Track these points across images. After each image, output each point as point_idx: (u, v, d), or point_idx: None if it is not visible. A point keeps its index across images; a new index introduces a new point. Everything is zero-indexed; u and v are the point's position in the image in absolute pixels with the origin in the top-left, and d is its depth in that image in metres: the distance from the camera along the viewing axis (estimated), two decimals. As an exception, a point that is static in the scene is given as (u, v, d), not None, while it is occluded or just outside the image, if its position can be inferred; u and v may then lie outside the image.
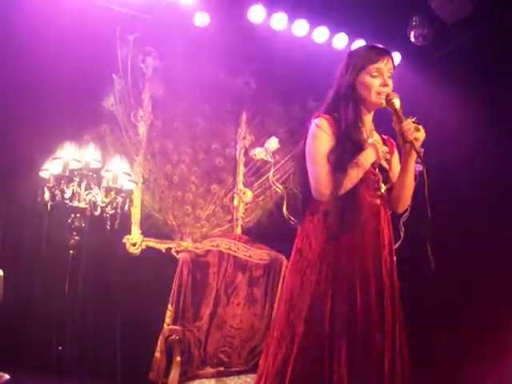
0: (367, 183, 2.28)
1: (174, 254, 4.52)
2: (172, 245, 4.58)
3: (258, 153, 4.24)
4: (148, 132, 4.65)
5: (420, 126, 2.21)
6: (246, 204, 4.88)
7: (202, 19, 4.57)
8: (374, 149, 2.29)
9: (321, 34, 4.87)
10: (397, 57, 5.13)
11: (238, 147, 4.99)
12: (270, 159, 4.11)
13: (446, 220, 4.38)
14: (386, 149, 2.39)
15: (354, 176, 2.22)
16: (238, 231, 4.79)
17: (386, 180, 2.32)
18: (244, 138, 4.99)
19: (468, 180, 4.33)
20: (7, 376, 2.67)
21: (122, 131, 4.55)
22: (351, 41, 5.00)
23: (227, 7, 4.61)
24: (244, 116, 5.03)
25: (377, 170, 2.29)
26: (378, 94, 2.29)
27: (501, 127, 4.22)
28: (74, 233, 3.91)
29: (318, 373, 2.07)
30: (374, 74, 2.30)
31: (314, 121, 2.34)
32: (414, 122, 2.21)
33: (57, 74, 4.07)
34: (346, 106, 2.31)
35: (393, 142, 2.42)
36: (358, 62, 2.32)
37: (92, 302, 4.10)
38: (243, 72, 4.97)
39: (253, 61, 4.88)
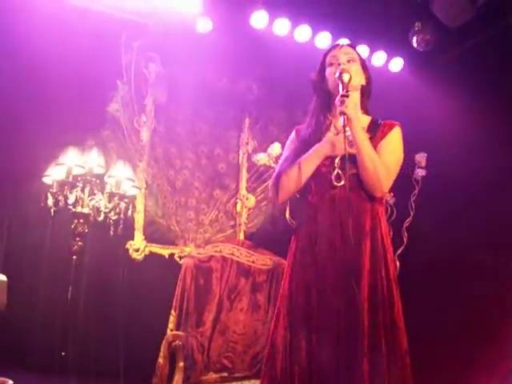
0: (319, 177, 2.28)
1: (177, 259, 4.52)
2: (175, 250, 4.58)
3: (261, 158, 4.26)
4: (151, 137, 4.66)
5: (346, 99, 2.19)
6: (249, 209, 4.88)
7: (204, 25, 4.58)
8: (327, 142, 2.30)
9: (323, 39, 4.87)
10: (399, 62, 5.15)
11: (240, 153, 5.00)
12: (272, 164, 4.12)
13: (449, 223, 4.40)
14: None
15: (294, 174, 2.28)
16: (241, 236, 4.79)
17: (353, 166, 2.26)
18: (247, 144, 5.00)
19: (468, 182, 4.33)
20: (11, 382, 2.67)
21: (125, 137, 4.56)
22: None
23: (230, 13, 4.62)
24: (247, 121, 5.04)
25: (337, 160, 2.25)
26: (334, 77, 2.31)
27: (505, 131, 4.22)
28: (77, 238, 3.92)
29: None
30: (332, 61, 2.38)
31: None
32: (341, 96, 2.21)
33: (61, 79, 4.08)
34: (314, 103, 2.42)
35: (390, 125, 2.39)
36: (321, 61, 2.43)
37: (95, 308, 4.09)
38: (246, 77, 4.98)
39: (255, 66, 4.89)
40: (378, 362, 2.08)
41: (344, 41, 2.53)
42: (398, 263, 4.39)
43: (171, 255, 4.57)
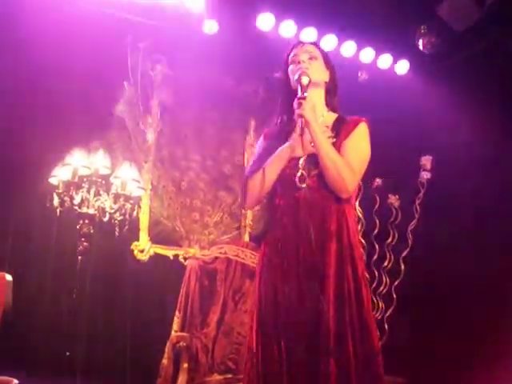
0: (284, 179, 2.26)
1: (182, 260, 4.53)
2: (180, 251, 4.59)
3: (266, 160, 4.25)
4: (157, 139, 4.67)
5: (303, 102, 2.17)
6: (254, 211, 4.87)
7: (210, 27, 4.59)
8: (290, 145, 2.27)
9: (329, 41, 4.87)
10: (405, 65, 5.14)
11: (246, 154, 5.00)
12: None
13: (454, 226, 4.39)
14: (327, 134, 2.29)
15: (259, 179, 2.26)
16: (246, 238, 4.79)
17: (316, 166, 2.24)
18: (252, 146, 5.00)
19: (475, 185, 4.32)
20: (16, 381, 2.68)
21: (130, 138, 4.57)
22: (359, 49, 5.01)
23: (236, 15, 4.62)
24: (252, 123, 5.04)
25: (301, 161, 2.21)
26: (294, 74, 2.30)
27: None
28: (83, 239, 3.93)
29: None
30: (293, 60, 2.36)
31: None
32: (298, 99, 2.19)
33: (67, 80, 4.10)
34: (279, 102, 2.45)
35: (355, 122, 2.32)
36: (284, 60, 2.41)
37: (100, 308, 4.10)
38: (252, 79, 4.98)
39: (261, 68, 4.89)
40: (344, 363, 2.07)
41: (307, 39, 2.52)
42: (402, 266, 4.39)
43: (176, 256, 4.57)
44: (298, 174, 2.18)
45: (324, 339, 2.08)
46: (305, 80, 2.23)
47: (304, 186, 2.17)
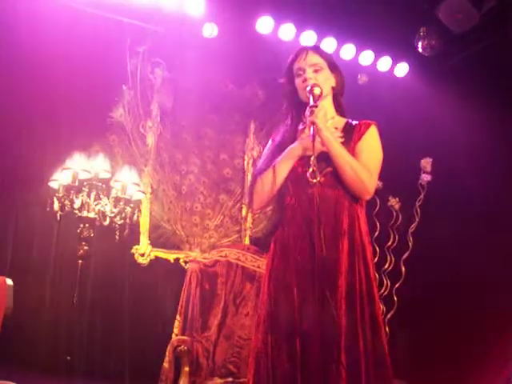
0: (296, 178, 2.30)
1: (183, 264, 4.52)
2: (180, 255, 4.58)
3: (266, 163, 4.25)
4: (157, 142, 4.67)
5: (315, 109, 2.22)
6: (254, 214, 4.88)
7: (210, 30, 4.60)
8: (300, 144, 2.31)
9: (329, 44, 4.88)
10: (405, 67, 5.15)
11: (246, 158, 5.00)
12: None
13: (454, 228, 4.40)
14: (337, 134, 2.34)
15: (268, 178, 2.30)
16: (247, 241, 4.79)
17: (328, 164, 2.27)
18: (252, 149, 5.00)
19: (474, 187, 4.33)
20: (16, 385, 2.68)
21: (130, 142, 4.57)
22: (359, 51, 5.02)
23: (235, 18, 4.64)
24: (252, 126, 5.04)
25: (312, 158, 2.18)
26: (304, 90, 2.34)
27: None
28: (83, 243, 3.93)
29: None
30: (298, 73, 2.40)
31: None
32: (310, 107, 2.23)
33: (67, 85, 4.10)
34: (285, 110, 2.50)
35: (366, 125, 2.37)
36: (288, 68, 2.45)
37: (100, 312, 4.10)
38: (251, 83, 4.99)
39: (261, 71, 4.90)
40: (355, 361, 2.08)
41: (301, 47, 2.52)
42: (403, 269, 4.39)
43: (176, 260, 4.57)
44: (310, 170, 2.18)
45: (336, 337, 2.09)
46: (317, 91, 2.29)
47: (315, 181, 2.17)
